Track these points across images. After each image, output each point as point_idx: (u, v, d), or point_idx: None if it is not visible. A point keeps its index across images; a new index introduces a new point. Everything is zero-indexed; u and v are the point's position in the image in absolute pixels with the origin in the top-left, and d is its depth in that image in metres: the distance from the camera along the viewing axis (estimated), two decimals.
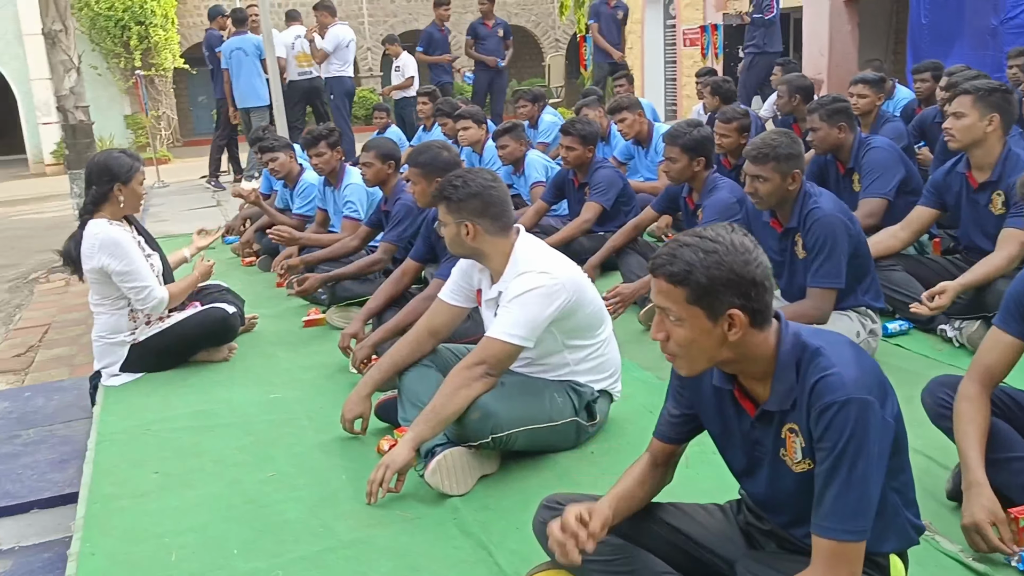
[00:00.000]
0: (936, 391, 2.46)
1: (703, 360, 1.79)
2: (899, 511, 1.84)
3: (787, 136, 3.53)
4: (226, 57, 10.20)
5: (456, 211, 2.90)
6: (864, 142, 4.48)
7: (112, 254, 3.92)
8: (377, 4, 25.35)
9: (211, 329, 4.21)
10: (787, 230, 3.66)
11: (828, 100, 4.50)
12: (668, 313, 1.76)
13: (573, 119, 5.24)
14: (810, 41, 11.10)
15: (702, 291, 1.71)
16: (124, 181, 4.00)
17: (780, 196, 3.56)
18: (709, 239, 1.74)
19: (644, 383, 3.54)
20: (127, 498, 2.95)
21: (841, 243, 3.46)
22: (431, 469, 2.71)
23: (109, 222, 4.00)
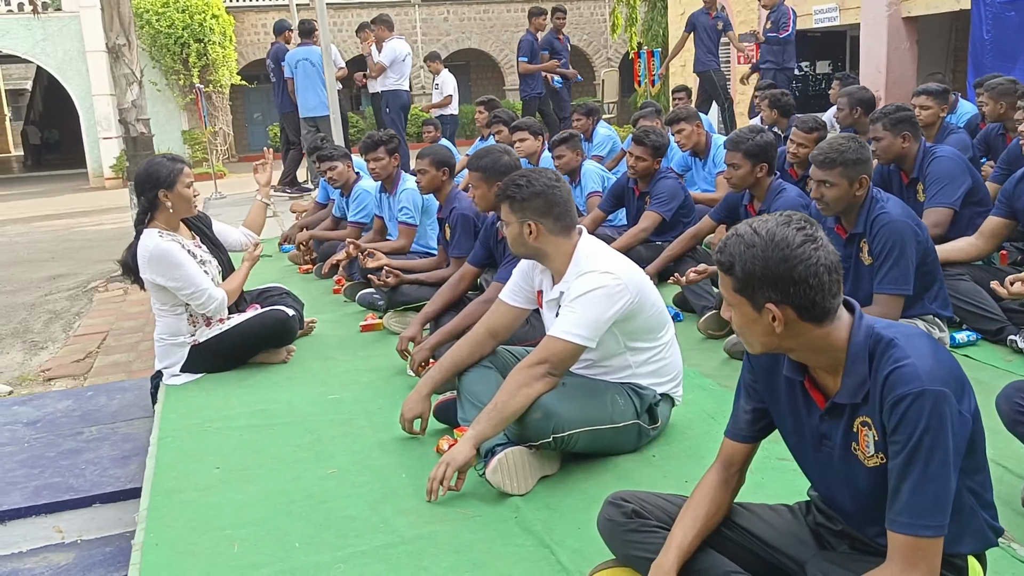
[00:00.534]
0: (1013, 396, 2.40)
1: (758, 344, 1.82)
2: (976, 512, 1.78)
3: (855, 141, 3.49)
4: (290, 67, 10.42)
5: (519, 210, 2.90)
6: (929, 151, 4.40)
7: (161, 269, 3.96)
8: (431, 23, 25.68)
9: (271, 331, 4.25)
10: (852, 236, 3.60)
11: (892, 109, 4.44)
12: (724, 296, 1.82)
13: (647, 129, 5.24)
14: (867, 59, 10.96)
15: (741, 283, 1.75)
16: (168, 186, 4.01)
17: (847, 202, 3.51)
18: (755, 232, 1.74)
19: (705, 390, 3.50)
20: (189, 491, 2.98)
21: (909, 249, 3.40)
22: (492, 467, 2.70)
23: (160, 233, 4.02)
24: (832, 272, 1.72)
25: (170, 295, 4.06)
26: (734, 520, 2.04)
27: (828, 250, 1.73)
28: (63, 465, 3.78)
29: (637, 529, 2.05)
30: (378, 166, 5.49)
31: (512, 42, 26.43)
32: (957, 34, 12.40)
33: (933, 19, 11.17)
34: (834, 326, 1.76)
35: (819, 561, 1.90)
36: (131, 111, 9.39)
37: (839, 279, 1.74)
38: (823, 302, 1.72)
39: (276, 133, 23.18)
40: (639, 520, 2.05)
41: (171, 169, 4.03)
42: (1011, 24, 8.92)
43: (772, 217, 1.77)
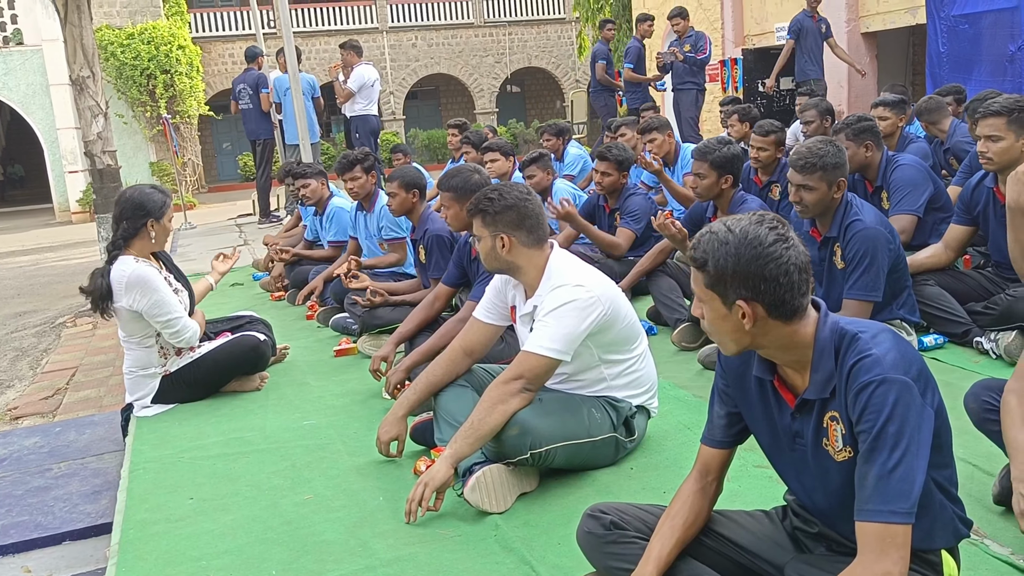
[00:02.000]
0: (980, 394, 2.42)
1: (729, 342, 1.84)
2: (945, 506, 1.81)
3: (833, 145, 3.56)
4: (278, 92, 10.41)
5: (492, 224, 2.91)
6: (891, 160, 4.48)
7: (141, 292, 3.93)
8: (399, 49, 25.79)
9: (242, 357, 4.22)
10: (826, 239, 3.66)
11: (853, 120, 4.52)
12: (696, 293, 1.84)
13: (609, 145, 5.30)
14: (829, 73, 11.11)
15: (713, 279, 1.77)
16: (157, 217, 4.01)
17: (825, 205, 3.58)
18: (729, 229, 1.76)
19: (681, 401, 3.52)
20: (162, 523, 2.94)
21: (881, 256, 3.46)
22: (470, 486, 2.69)
23: (136, 259, 4.00)
24: (802, 271, 1.75)
25: (141, 325, 4.01)
26: (712, 528, 2.05)
27: (799, 250, 1.76)
28: (31, 503, 3.69)
29: (616, 540, 2.04)
30: (356, 185, 5.48)
31: (481, 66, 26.66)
32: (915, 48, 12.63)
33: (891, 34, 11.39)
34: (802, 324, 1.78)
35: (797, 564, 1.91)
36: (97, 143, 9.29)
37: (808, 278, 1.77)
38: (792, 300, 1.74)
39: (246, 163, 23.22)
40: (618, 531, 2.05)
41: (162, 201, 4.04)
42: (965, 36, 9.11)
43: (746, 216, 1.79)
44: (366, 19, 25.53)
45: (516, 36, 27.09)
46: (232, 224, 12.52)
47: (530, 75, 28.45)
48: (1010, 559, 2.17)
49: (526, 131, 25.28)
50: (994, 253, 3.99)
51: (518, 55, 27.22)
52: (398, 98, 25.61)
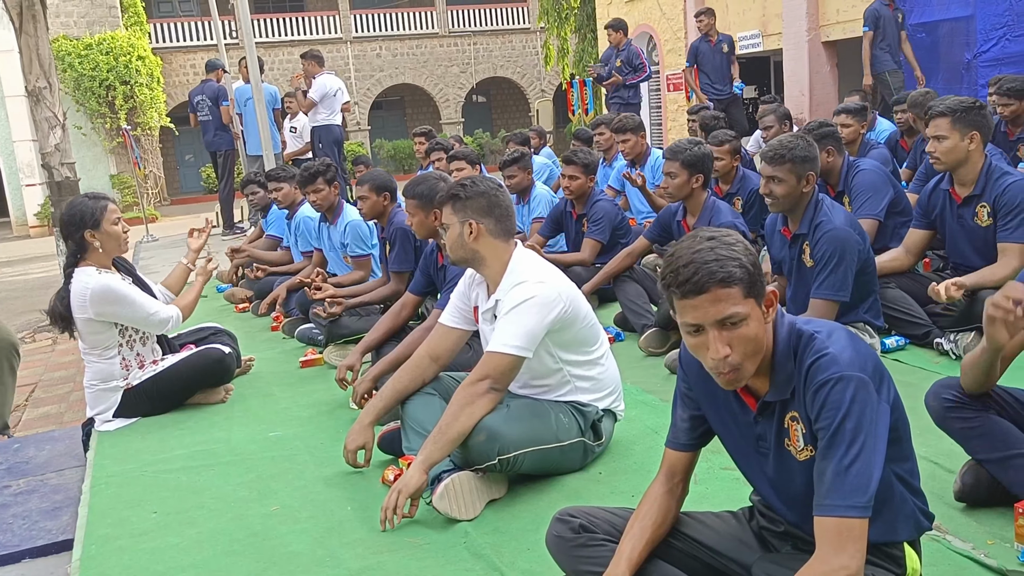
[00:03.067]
0: (941, 392, 2.46)
1: (759, 358, 1.76)
2: (906, 498, 1.84)
3: (803, 139, 3.63)
4: (239, 104, 10.33)
5: (462, 209, 2.92)
6: (852, 165, 4.55)
7: (107, 302, 3.88)
8: (363, 59, 25.73)
9: (207, 370, 4.16)
10: (796, 236, 3.72)
11: (815, 125, 4.59)
12: (731, 319, 1.69)
13: (574, 149, 5.32)
14: (791, 82, 11.30)
15: (752, 280, 1.71)
16: (94, 226, 3.92)
17: (794, 198, 3.63)
18: (720, 236, 1.76)
19: (648, 405, 3.53)
20: (125, 538, 2.89)
21: (849, 257, 3.52)
22: (439, 494, 2.67)
23: (97, 270, 3.94)
24: None
25: (103, 336, 3.95)
26: (680, 529, 2.06)
27: None
28: None
29: (585, 544, 2.04)
30: (318, 197, 5.43)
31: (446, 76, 26.68)
32: None
33: (851, 43, 11.54)
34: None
35: (763, 563, 1.92)
36: (54, 155, 9.14)
37: None
38: None
39: (209, 175, 23.00)
40: (587, 535, 2.05)
41: (95, 208, 3.93)
42: (923, 45, 9.30)
43: (703, 230, 1.80)
44: (330, 29, 25.47)
45: (481, 46, 27.17)
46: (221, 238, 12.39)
47: (496, 85, 28.52)
48: (971, 554, 2.20)
49: (492, 141, 25.34)
50: (952, 255, 4.06)
51: (484, 65, 27.29)
52: (363, 108, 25.54)
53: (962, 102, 3.78)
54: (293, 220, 6.32)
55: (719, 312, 1.68)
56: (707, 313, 1.69)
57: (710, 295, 1.68)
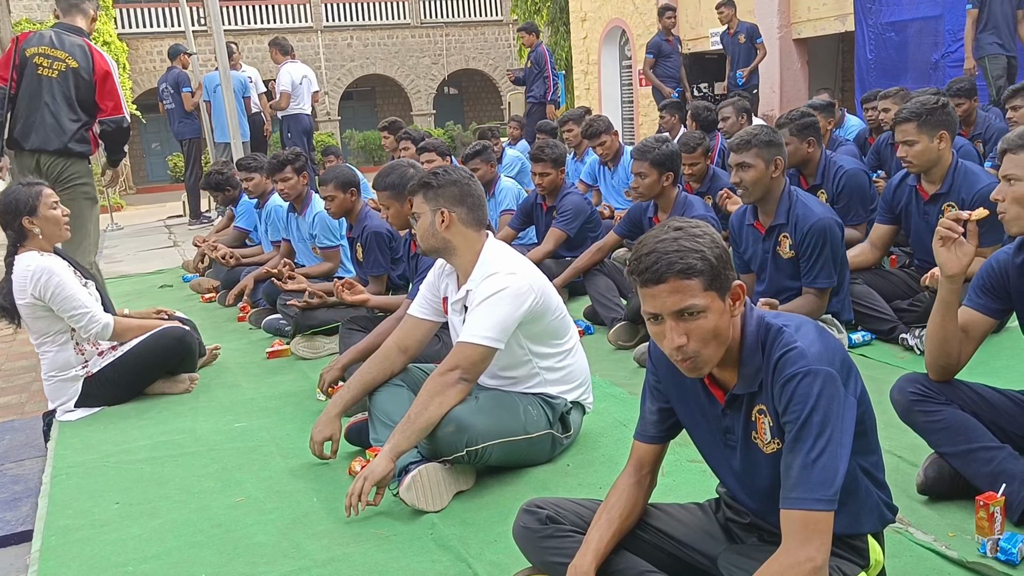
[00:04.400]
0: (906, 387, 2.49)
1: (721, 349, 1.76)
2: (871, 491, 1.86)
3: (767, 127, 3.69)
4: (208, 91, 10.18)
5: (434, 198, 2.89)
6: (831, 161, 4.57)
7: (46, 283, 3.80)
8: (334, 49, 25.52)
9: (168, 351, 4.08)
10: (771, 229, 3.75)
11: (797, 115, 4.60)
12: (688, 311, 1.70)
13: (542, 144, 5.29)
14: (762, 79, 11.32)
15: (714, 273, 1.70)
16: (31, 212, 3.85)
17: (765, 185, 3.66)
18: (688, 227, 1.75)
19: (617, 398, 3.54)
20: (86, 529, 2.85)
21: (834, 243, 3.61)
22: (406, 485, 2.66)
23: (40, 254, 3.87)
24: None
25: (51, 322, 3.88)
26: (647, 521, 2.06)
27: None
28: None
29: (552, 535, 2.04)
30: (286, 186, 5.36)
31: (418, 67, 26.55)
32: (844, 55, 12.95)
33: (821, 40, 11.66)
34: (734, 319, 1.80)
35: (729, 555, 1.94)
36: None
37: None
38: None
39: (176, 163, 22.70)
40: (554, 526, 2.05)
41: (29, 194, 3.86)
42: (892, 44, 9.38)
43: (671, 221, 1.79)
44: (300, 18, 25.21)
45: (453, 37, 27.06)
46: (162, 225, 12.23)
47: (468, 77, 28.43)
48: (933, 546, 2.23)
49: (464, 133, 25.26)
50: (917, 251, 4.10)
51: (455, 56, 27.18)
52: (333, 98, 25.34)
53: (925, 104, 3.80)
54: (264, 209, 6.25)
55: (676, 303, 1.69)
56: (665, 303, 1.70)
57: (668, 285, 1.69)
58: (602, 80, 15.72)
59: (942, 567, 2.16)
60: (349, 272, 5.25)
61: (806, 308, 3.59)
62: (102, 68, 5.11)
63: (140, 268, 8.51)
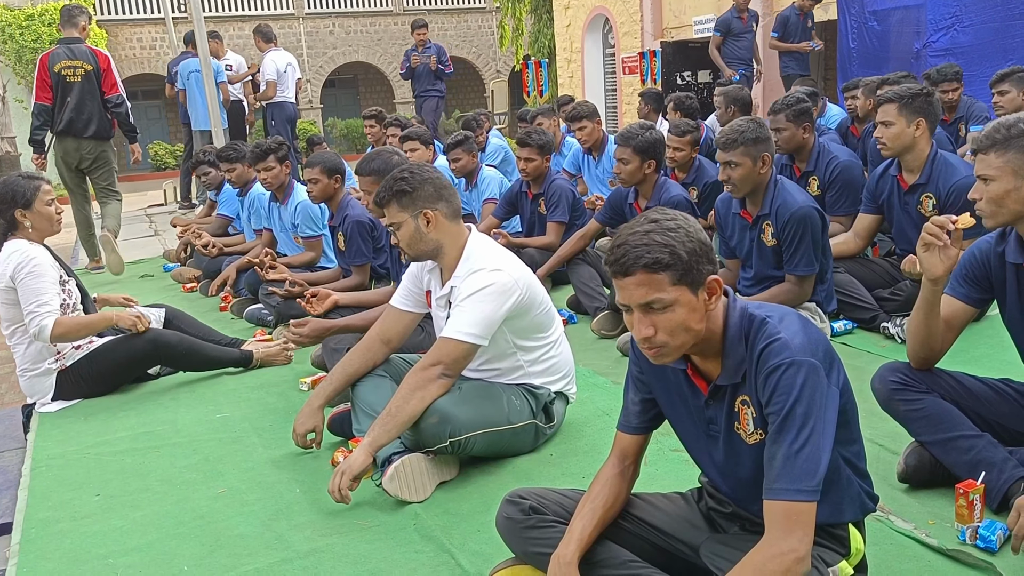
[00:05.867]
0: (887, 376, 2.50)
1: (690, 339, 1.76)
2: (852, 481, 1.87)
3: (754, 122, 3.66)
4: (183, 78, 10.08)
5: (411, 204, 2.86)
6: (824, 150, 4.59)
7: (23, 273, 3.75)
8: (316, 36, 25.30)
9: (140, 353, 4.00)
10: (757, 218, 3.76)
11: (793, 100, 4.60)
12: (654, 304, 1.70)
13: (529, 130, 5.26)
14: None
15: (685, 268, 1.70)
16: (25, 205, 3.82)
17: (753, 181, 3.68)
18: (663, 220, 1.74)
19: (600, 388, 3.54)
20: (67, 521, 2.83)
21: (815, 231, 3.63)
22: (389, 476, 2.65)
23: (30, 243, 3.84)
24: None
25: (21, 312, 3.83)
26: (630, 511, 2.07)
27: None
28: None
29: (535, 525, 2.04)
30: (269, 175, 5.32)
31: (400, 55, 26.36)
32: (826, 43, 12.97)
33: None
34: (717, 311, 1.80)
35: (711, 544, 1.94)
36: None
37: None
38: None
39: (156, 152, 22.49)
40: (537, 516, 2.05)
41: (27, 187, 3.83)
42: (874, 33, 9.39)
43: (652, 212, 1.79)
44: (282, 5, 24.96)
45: (436, 25, 26.85)
46: (142, 214, 12.13)
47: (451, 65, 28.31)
48: (913, 533, 2.25)
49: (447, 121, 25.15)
50: (899, 241, 4.12)
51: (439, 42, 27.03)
52: (315, 86, 25.15)
53: (910, 88, 3.83)
54: (247, 197, 6.21)
55: (643, 296, 1.70)
56: (632, 295, 1.71)
57: (635, 278, 1.70)
58: (585, 69, 15.70)
59: (922, 555, 2.17)
60: (332, 262, 5.22)
61: (786, 295, 3.61)
62: (104, 62, 6.87)
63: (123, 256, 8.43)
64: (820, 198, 4.62)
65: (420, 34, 10.70)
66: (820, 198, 4.62)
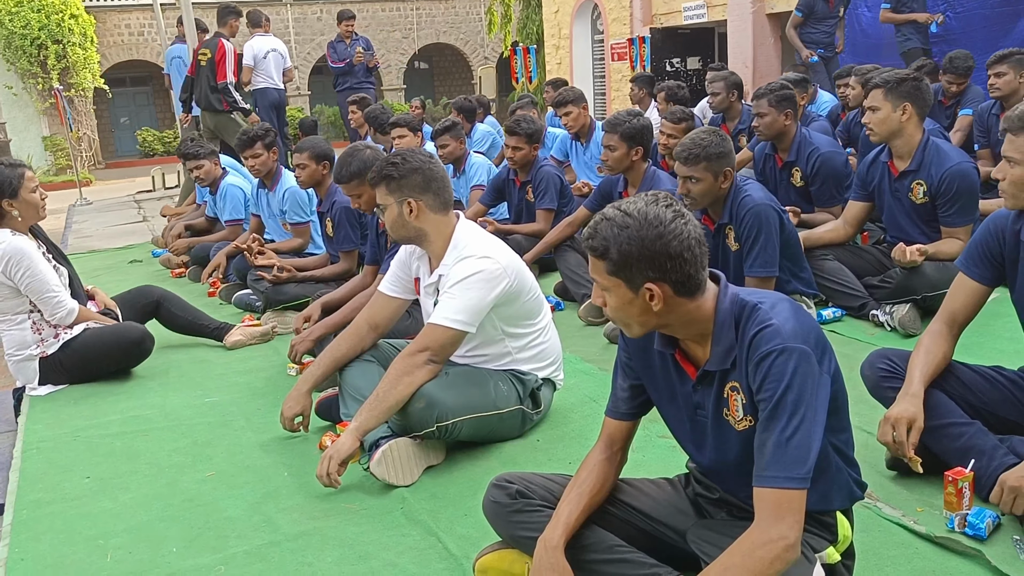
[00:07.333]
0: (876, 362, 2.51)
1: (635, 325, 1.83)
2: (841, 468, 1.87)
3: (716, 135, 3.59)
4: (168, 63, 10.00)
5: (398, 189, 2.86)
6: (806, 141, 4.58)
7: (17, 263, 3.75)
8: (304, 23, 25.17)
9: (124, 348, 4.00)
10: (719, 226, 3.73)
11: (776, 86, 4.59)
12: (597, 281, 1.81)
13: (518, 118, 5.23)
14: (734, 53, 11.34)
15: (617, 265, 1.75)
16: (11, 195, 3.78)
17: (713, 195, 3.64)
18: (626, 213, 1.76)
19: (587, 375, 3.55)
20: (58, 503, 2.84)
21: (773, 231, 3.56)
22: (376, 460, 2.66)
23: (12, 233, 3.81)
24: (701, 244, 1.77)
25: (12, 302, 3.83)
26: (617, 496, 2.07)
27: (695, 223, 1.78)
28: None
29: (522, 509, 2.05)
30: (257, 162, 5.29)
31: (388, 41, 26.24)
32: None
33: None
34: (704, 298, 1.81)
35: (698, 529, 1.95)
36: None
37: (707, 251, 1.80)
38: (696, 275, 1.77)
39: (145, 138, 22.38)
40: (524, 500, 2.06)
41: (11, 176, 3.79)
42: (867, 21, 9.39)
43: (639, 198, 1.80)
44: None
45: (424, 11, 26.77)
46: (131, 200, 12.09)
47: (438, 51, 28.17)
48: (901, 521, 2.26)
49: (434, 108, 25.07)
50: (890, 228, 4.12)
51: (426, 31, 26.90)
52: (303, 73, 25.02)
53: (897, 74, 3.82)
54: (218, 193, 6.20)
55: (592, 270, 1.83)
56: (589, 264, 1.84)
57: (590, 254, 1.81)
58: (574, 55, 15.64)
59: (910, 542, 2.19)
60: (320, 248, 5.22)
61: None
62: (220, 55, 8.43)
63: (109, 243, 8.42)
64: (804, 190, 4.64)
65: (348, 25, 10.40)
66: (804, 190, 4.64)
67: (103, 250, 8.08)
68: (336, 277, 4.61)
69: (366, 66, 10.46)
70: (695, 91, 10.79)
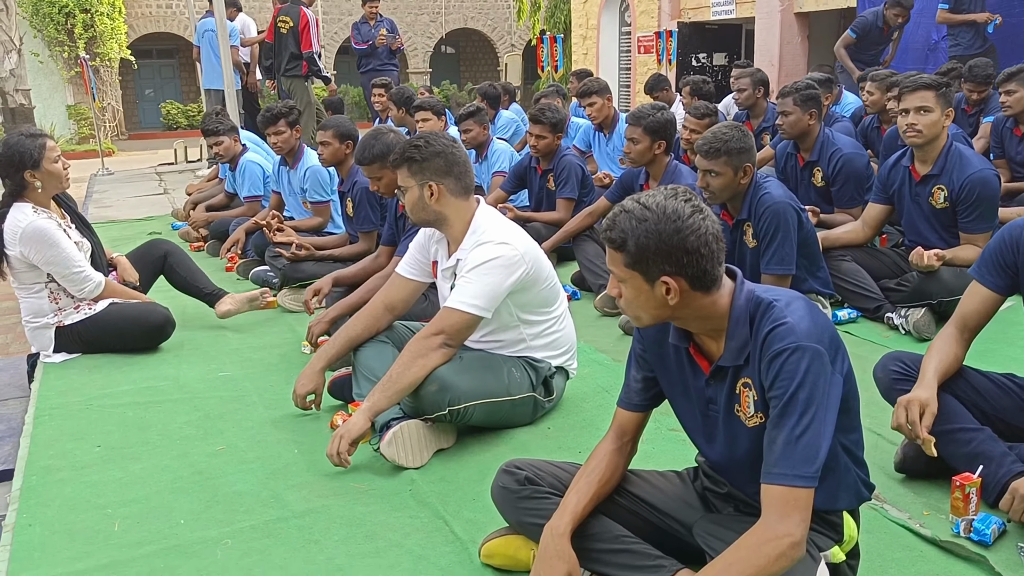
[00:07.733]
0: (889, 364, 2.50)
1: (648, 317, 1.84)
2: (850, 468, 1.87)
3: (738, 130, 3.58)
4: (198, 35, 10.04)
5: (419, 172, 2.86)
6: (829, 142, 4.55)
7: (36, 246, 3.75)
8: (332, 3, 25.14)
9: (146, 330, 4.01)
10: (737, 222, 3.72)
11: (802, 85, 4.56)
12: (614, 273, 1.81)
13: (542, 107, 5.22)
14: (761, 52, 11.28)
15: (634, 258, 1.75)
16: (33, 166, 3.76)
17: (732, 190, 3.62)
18: (645, 207, 1.75)
19: (600, 364, 3.55)
20: (67, 471, 2.86)
21: (792, 229, 3.55)
22: (387, 441, 2.67)
23: (34, 209, 3.80)
24: (719, 240, 1.77)
25: (31, 274, 3.84)
26: (625, 487, 2.08)
27: (713, 219, 1.78)
28: None
29: (530, 496, 2.06)
30: (279, 140, 5.31)
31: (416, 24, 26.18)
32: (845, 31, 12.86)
33: (823, 15, 11.57)
34: (720, 293, 1.80)
35: (705, 523, 1.95)
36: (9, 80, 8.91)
37: (724, 247, 1.80)
38: (713, 270, 1.77)
39: (169, 111, 22.43)
40: (532, 487, 2.06)
41: (33, 146, 3.76)
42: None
43: (658, 191, 1.79)
44: None
45: None
46: (152, 172, 12.14)
47: (465, 37, 28.11)
48: (907, 523, 2.26)
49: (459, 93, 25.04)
50: (908, 232, 4.10)
51: (454, 15, 26.85)
52: (329, 53, 25.03)
53: (943, 76, 3.79)
54: (237, 169, 6.21)
55: (607, 261, 1.83)
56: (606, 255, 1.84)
57: (608, 245, 1.81)
58: (600, 46, 15.58)
59: (915, 545, 2.18)
60: (339, 228, 5.23)
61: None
62: (303, 23, 8.85)
63: (129, 214, 8.46)
64: (825, 190, 4.61)
65: (372, 7, 10.37)
66: (825, 190, 4.61)
67: (123, 220, 8.11)
68: (354, 257, 4.60)
69: (389, 48, 10.40)
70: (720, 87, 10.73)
